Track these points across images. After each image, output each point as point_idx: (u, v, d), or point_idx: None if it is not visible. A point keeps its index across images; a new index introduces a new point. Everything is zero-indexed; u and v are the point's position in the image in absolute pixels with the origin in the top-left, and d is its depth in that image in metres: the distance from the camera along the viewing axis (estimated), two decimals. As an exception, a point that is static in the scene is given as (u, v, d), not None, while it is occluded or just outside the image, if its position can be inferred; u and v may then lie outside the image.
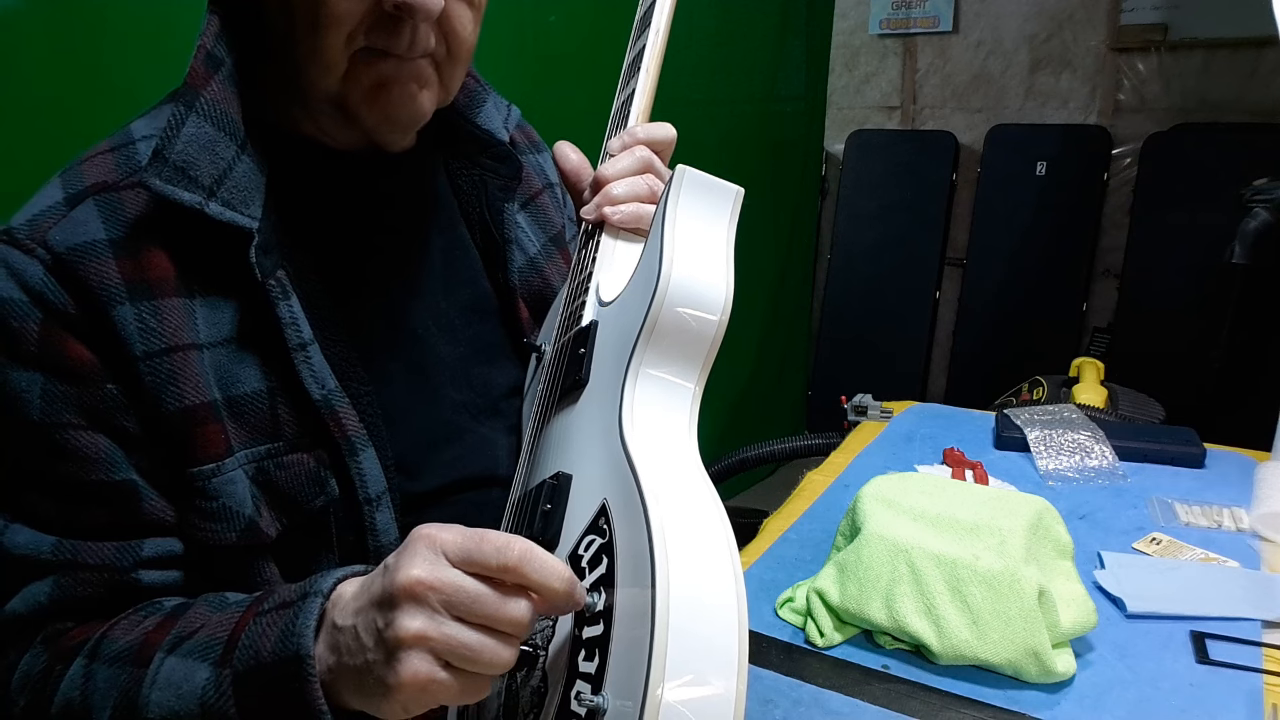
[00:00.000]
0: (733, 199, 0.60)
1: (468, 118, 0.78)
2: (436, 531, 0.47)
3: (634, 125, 0.73)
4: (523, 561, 0.45)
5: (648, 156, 0.71)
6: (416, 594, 0.45)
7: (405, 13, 0.59)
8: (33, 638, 0.60)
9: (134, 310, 0.58)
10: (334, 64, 0.60)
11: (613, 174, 0.70)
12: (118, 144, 0.63)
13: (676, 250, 0.56)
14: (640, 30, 0.78)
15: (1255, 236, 1.96)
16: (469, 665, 0.45)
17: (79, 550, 0.59)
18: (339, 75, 0.61)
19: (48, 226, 0.58)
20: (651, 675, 0.39)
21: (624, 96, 0.76)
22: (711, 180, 0.59)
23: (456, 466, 0.71)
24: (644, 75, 0.75)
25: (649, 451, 0.50)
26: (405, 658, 0.45)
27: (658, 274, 0.55)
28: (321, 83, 0.62)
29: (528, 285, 0.79)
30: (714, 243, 0.58)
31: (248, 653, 0.52)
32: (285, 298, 0.61)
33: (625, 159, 0.70)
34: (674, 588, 0.41)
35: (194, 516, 0.60)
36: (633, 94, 0.75)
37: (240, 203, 0.60)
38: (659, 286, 0.54)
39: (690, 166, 0.59)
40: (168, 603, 0.61)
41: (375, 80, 0.62)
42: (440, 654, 0.45)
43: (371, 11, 0.59)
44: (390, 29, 0.60)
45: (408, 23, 0.60)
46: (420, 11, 0.59)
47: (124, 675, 0.55)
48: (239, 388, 0.61)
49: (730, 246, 0.58)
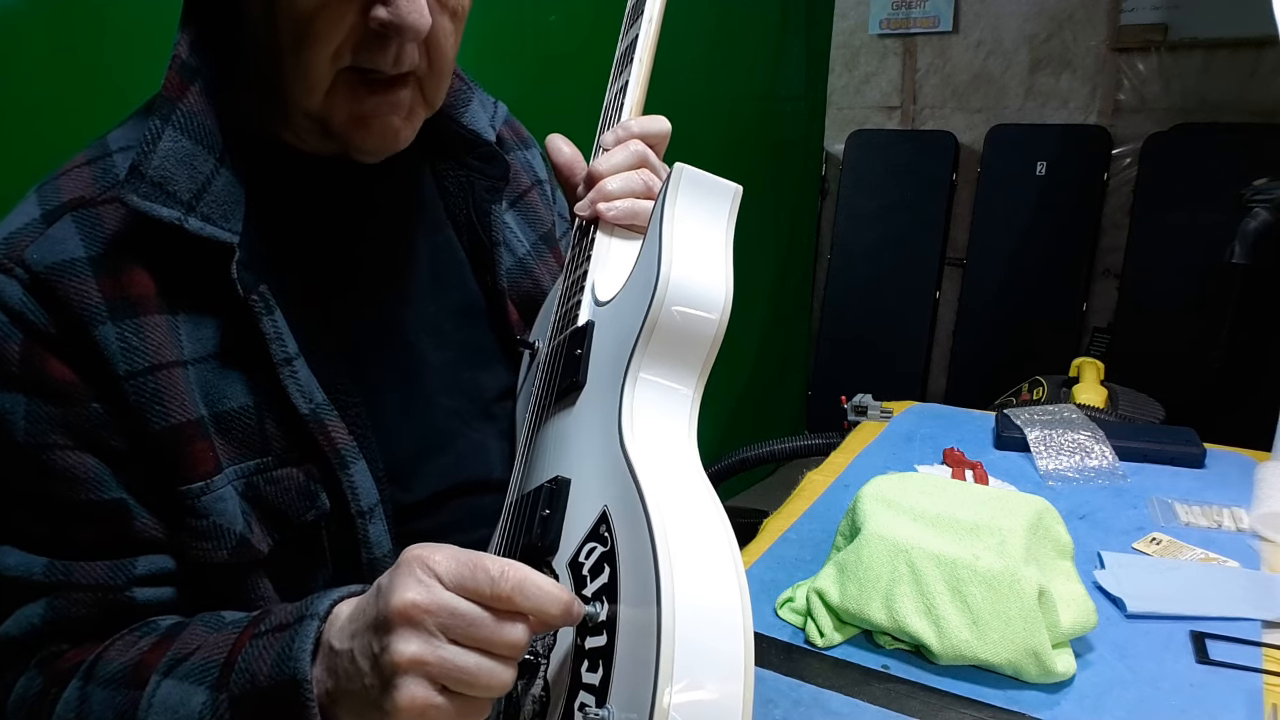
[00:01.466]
0: (731, 197, 0.59)
1: (453, 117, 0.76)
2: (429, 553, 0.47)
3: (628, 118, 0.71)
4: (516, 591, 0.45)
5: (642, 151, 0.69)
6: (411, 617, 0.45)
7: (392, 31, 0.57)
8: (27, 661, 0.59)
9: (116, 329, 0.57)
10: (318, 81, 0.59)
11: (607, 169, 0.68)
12: (94, 156, 0.62)
13: (675, 250, 0.55)
14: (633, 19, 0.76)
15: (1255, 236, 1.96)
16: (466, 689, 0.45)
17: (71, 570, 0.58)
18: (322, 93, 0.60)
19: (24, 244, 0.57)
20: (659, 687, 0.38)
21: (617, 88, 0.75)
22: (710, 178, 0.59)
23: (449, 473, 0.71)
24: (637, 65, 0.73)
25: (650, 457, 0.49)
26: (402, 683, 0.45)
27: (656, 274, 0.54)
28: (305, 100, 0.60)
29: (517, 287, 0.78)
30: (713, 242, 0.57)
31: (244, 676, 0.51)
32: (269, 312, 0.60)
33: (619, 153, 0.69)
34: (679, 598, 0.41)
35: (185, 535, 0.60)
36: (626, 85, 0.73)
37: (220, 216, 0.59)
38: (658, 287, 0.54)
39: (688, 165, 0.58)
40: (163, 622, 0.60)
41: (356, 113, 0.61)
42: (437, 678, 0.45)
43: (356, 29, 0.58)
44: (376, 47, 0.59)
45: (394, 40, 0.58)
46: (408, 32, 0.57)
47: (120, 698, 0.54)
48: (225, 404, 0.60)
49: (729, 246, 0.58)
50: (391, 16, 0.57)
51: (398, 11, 0.56)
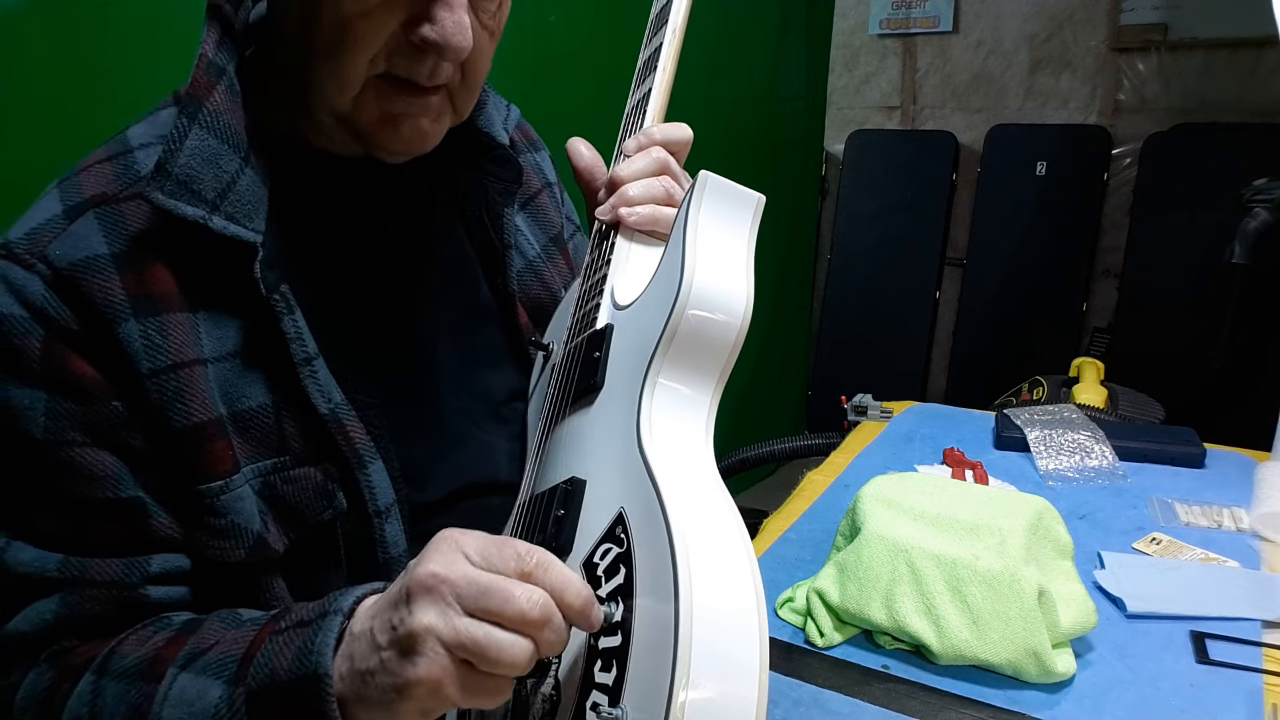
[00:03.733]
0: (754, 207, 0.59)
1: (469, 121, 0.76)
2: (459, 534, 0.47)
3: (650, 125, 0.72)
4: (539, 567, 0.45)
5: (664, 158, 0.70)
6: (430, 587, 0.45)
7: (433, 50, 0.58)
8: (37, 656, 0.59)
9: (139, 327, 0.57)
10: (352, 84, 0.60)
11: (629, 175, 0.69)
12: (115, 152, 0.62)
13: (699, 257, 0.56)
14: (656, 28, 0.77)
15: (1255, 236, 1.96)
16: (480, 661, 0.44)
17: (86, 567, 0.58)
18: (354, 95, 0.60)
19: (47, 240, 0.57)
20: (675, 688, 0.38)
21: (639, 95, 0.75)
22: (734, 187, 0.59)
23: (460, 474, 0.71)
24: (660, 74, 0.74)
25: (668, 461, 0.49)
26: (417, 653, 0.44)
27: (679, 281, 0.54)
28: (335, 100, 0.61)
29: (526, 290, 0.78)
30: (735, 251, 0.58)
31: (263, 670, 0.51)
32: (290, 312, 0.60)
33: (641, 160, 0.69)
34: (697, 600, 0.41)
35: (202, 534, 0.60)
36: (649, 93, 0.74)
37: (244, 216, 0.59)
38: (680, 293, 0.54)
39: (713, 173, 0.58)
40: (177, 618, 0.60)
41: (386, 112, 0.62)
42: (450, 646, 0.44)
43: (396, 37, 0.58)
44: (413, 58, 0.59)
45: (432, 56, 0.59)
46: (450, 53, 0.59)
47: (134, 691, 0.54)
48: (245, 403, 0.60)
49: (751, 255, 0.58)
50: (437, 37, 0.58)
51: (443, 32, 0.57)
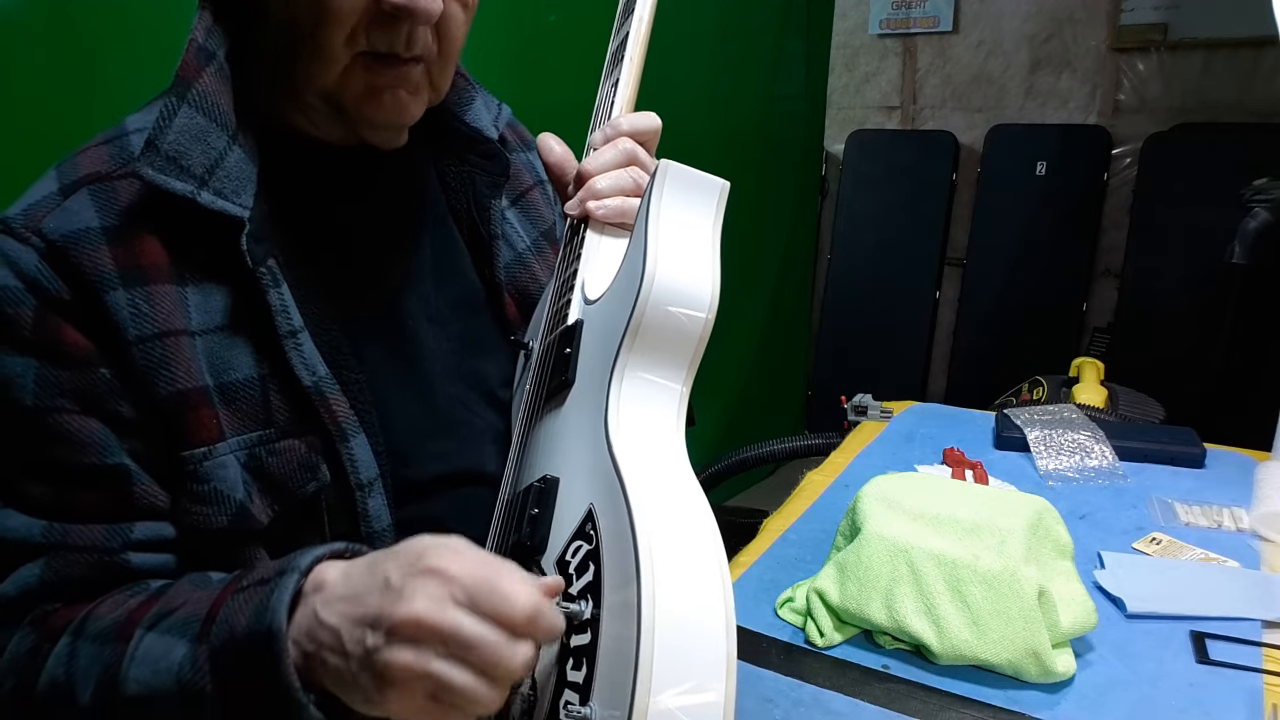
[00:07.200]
0: (718, 193, 0.58)
1: (457, 115, 0.78)
2: (448, 563, 0.47)
3: (617, 116, 0.72)
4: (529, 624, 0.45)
5: (631, 149, 0.70)
6: (413, 633, 0.45)
7: (404, 14, 0.60)
8: (21, 619, 0.60)
9: (127, 295, 0.59)
10: (335, 60, 0.62)
11: (596, 168, 0.69)
12: (112, 137, 0.65)
13: (660, 248, 0.55)
14: (624, 18, 0.76)
15: (1255, 236, 1.97)
16: (453, 705, 0.46)
17: (69, 532, 0.59)
18: (337, 72, 0.62)
19: (42, 215, 0.59)
20: (638, 684, 0.39)
21: (607, 87, 0.75)
22: (695, 174, 0.58)
23: (449, 459, 0.71)
24: (628, 64, 0.73)
25: (634, 455, 0.49)
26: (391, 687, 0.46)
27: (641, 273, 0.54)
28: (320, 78, 0.63)
29: (514, 281, 0.79)
30: (699, 239, 0.57)
31: (224, 628, 0.52)
32: (276, 285, 0.62)
33: (608, 152, 0.70)
34: (660, 595, 0.41)
35: (185, 500, 0.61)
36: (616, 84, 0.73)
37: (232, 192, 0.61)
38: (643, 285, 0.54)
39: (673, 161, 0.58)
40: (154, 583, 0.61)
41: (371, 85, 0.64)
42: (427, 690, 0.45)
43: (370, 10, 0.60)
44: (389, 28, 0.61)
45: (405, 23, 0.61)
46: (420, 15, 0.60)
47: (107, 652, 0.55)
48: (231, 374, 0.62)
49: (716, 242, 0.57)
50: (406, 1, 0.59)
51: None
